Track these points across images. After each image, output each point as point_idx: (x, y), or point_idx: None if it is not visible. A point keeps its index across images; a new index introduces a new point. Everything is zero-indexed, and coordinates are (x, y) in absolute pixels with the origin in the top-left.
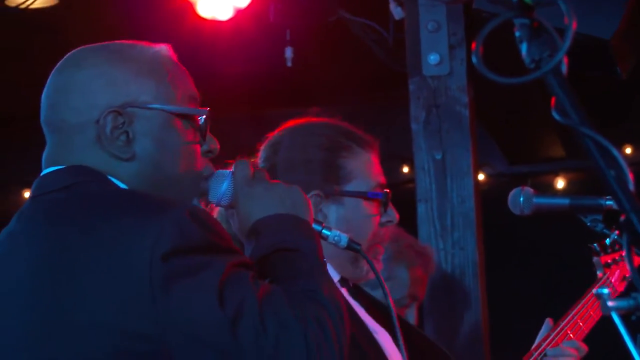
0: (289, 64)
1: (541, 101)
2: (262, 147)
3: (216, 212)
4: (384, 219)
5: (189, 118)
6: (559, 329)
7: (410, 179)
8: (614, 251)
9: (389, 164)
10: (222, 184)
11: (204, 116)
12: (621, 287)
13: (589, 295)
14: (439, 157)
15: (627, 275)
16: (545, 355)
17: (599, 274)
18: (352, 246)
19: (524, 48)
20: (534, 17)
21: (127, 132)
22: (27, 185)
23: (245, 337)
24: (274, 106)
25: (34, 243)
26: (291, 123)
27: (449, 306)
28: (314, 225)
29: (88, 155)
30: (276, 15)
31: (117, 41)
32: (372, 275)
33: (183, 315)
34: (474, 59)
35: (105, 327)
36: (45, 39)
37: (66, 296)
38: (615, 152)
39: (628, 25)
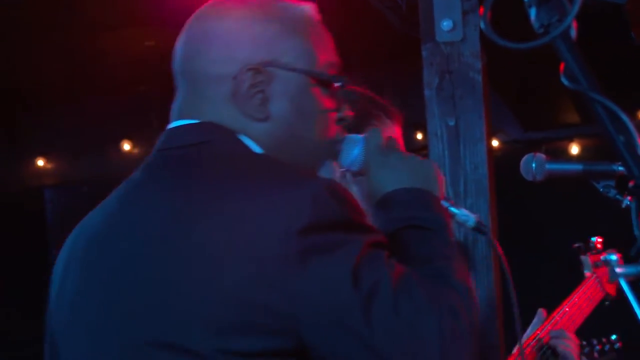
0: None
1: (555, 67)
2: None
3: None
4: None
5: (327, 84)
6: (553, 320)
7: (424, 145)
8: (598, 252)
9: (403, 130)
10: (354, 149)
11: (342, 83)
12: (609, 289)
13: (580, 291)
14: (452, 123)
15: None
16: (550, 337)
17: (587, 273)
18: (480, 228)
19: (532, 13)
20: None
21: (264, 91)
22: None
23: (378, 319)
24: None
25: (164, 200)
26: None
27: None
28: (443, 202)
29: (221, 110)
30: None
31: None
32: None
33: (316, 293)
34: (482, 25)
35: (233, 297)
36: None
37: (193, 259)
38: (624, 117)
39: None
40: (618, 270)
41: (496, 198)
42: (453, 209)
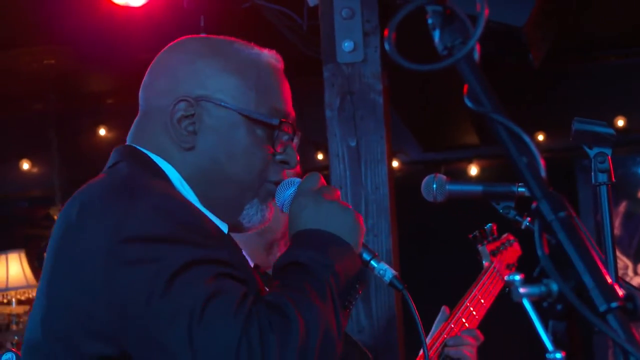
0: None
1: (455, 89)
2: None
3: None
4: None
5: (264, 126)
6: (455, 317)
7: (325, 165)
8: (494, 239)
9: (304, 150)
10: (288, 190)
11: (283, 127)
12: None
13: (479, 284)
14: (353, 144)
15: (510, 263)
16: (445, 345)
17: (485, 262)
18: (395, 284)
19: (436, 35)
20: (447, 5)
21: (194, 124)
22: None
23: (180, 332)
24: None
25: (60, 216)
26: None
27: (363, 293)
28: (364, 254)
29: (155, 139)
30: (190, 2)
31: (226, 37)
32: None
33: (128, 302)
34: (386, 46)
35: (68, 303)
36: None
37: (53, 266)
38: (526, 138)
39: (540, 13)
40: (522, 290)
41: (397, 219)
42: (373, 262)
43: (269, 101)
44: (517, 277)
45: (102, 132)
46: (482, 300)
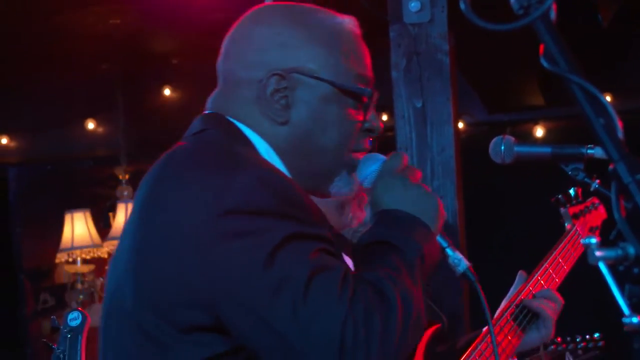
0: None
1: (521, 50)
2: None
3: None
4: None
5: (352, 95)
6: (534, 280)
7: (390, 127)
8: (578, 202)
9: None
10: (371, 166)
11: (368, 96)
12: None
13: (560, 246)
14: (419, 105)
15: (594, 226)
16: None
17: (568, 225)
18: (468, 275)
19: None
20: None
21: (287, 97)
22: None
23: (283, 306)
24: None
25: (146, 182)
26: None
27: None
28: (440, 239)
29: (243, 110)
30: None
31: (305, 4)
32: (354, 224)
33: (230, 273)
34: (462, 5)
35: (163, 273)
36: None
37: (145, 241)
38: (604, 100)
39: None
40: (598, 253)
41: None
42: (448, 250)
43: (356, 70)
44: (594, 240)
45: (166, 92)
46: (563, 264)
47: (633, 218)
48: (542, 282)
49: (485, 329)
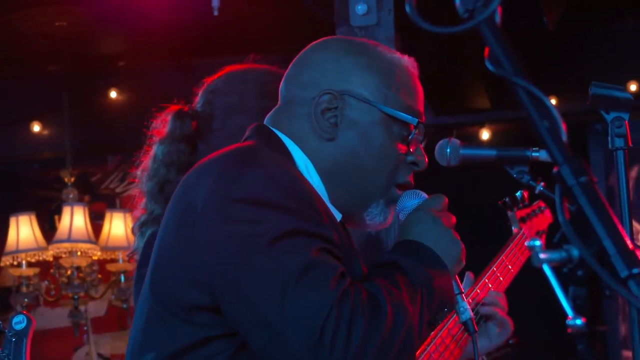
0: (216, 13)
1: (467, 52)
2: (200, 92)
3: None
4: None
5: (400, 125)
6: (481, 282)
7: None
8: (525, 206)
9: None
10: (412, 201)
11: (416, 130)
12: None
13: (507, 249)
14: None
15: (540, 230)
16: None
17: (515, 229)
18: (468, 326)
19: None
20: None
21: (336, 116)
22: None
23: (272, 290)
24: (201, 56)
25: (184, 179)
26: (230, 69)
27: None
28: (454, 284)
29: (292, 124)
30: None
31: (368, 40)
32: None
33: (227, 255)
34: (407, 9)
35: (175, 253)
36: None
37: (164, 226)
38: (548, 102)
39: None
40: (542, 256)
41: None
42: (457, 298)
43: (407, 102)
44: (538, 243)
45: (113, 94)
46: (510, 266)
47: (577, 220)
48: (489, 284)
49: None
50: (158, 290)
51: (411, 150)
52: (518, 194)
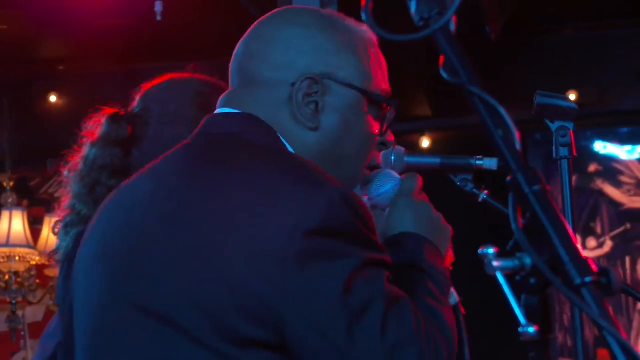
0: (159, 18)
1: (409, 61)
2: (138, 97)
3: None
4: None
5: (377, 106)
6: None
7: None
8: None
9: None
10: (387, 184)
11: (391, 109)
12: None
13: None
14: None
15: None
16: None
17: None
18: (456, 311)
19: (413, 5)
20: None
21: (317, 102)
22: None
23: (361, 336)
24: (143, 61)
25: (191, 179)
26: (170, 76)
27: None
28: None
29: (272, 111)
30: None
31: (335, 12)
32: None
33: (306, 296)
34: (363, 16)
35: (228, 282)
36: None
37: (199, 240)
38: (502, 111)
39: None
40: (495, 264)
41: None
42: None
43: (381, 80)
44: (491, 251)
45: (53, 98)
46: None
47: (530, 229)
48: None
49: None
50: (199, 318)
51: (384, 129)
52: None
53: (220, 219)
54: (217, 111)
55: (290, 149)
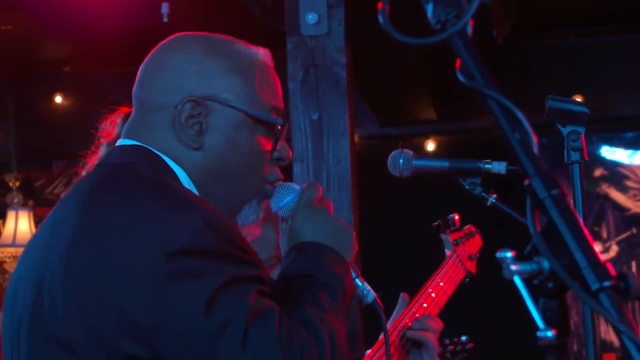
0: (165, 19)
1: (414, 64)
2: None
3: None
4: None
5: (264, 124)
6: (417, 303)
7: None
8: (456, 229)
9: None
10: (288, 196)
11: (280, 126)
12: (470, 266)
13: (442, 272)
14: (315, 117)
15: (472, 254)
16: (409, 328)
17: (448, 252)
18: (375, 306)
19: (429, 9)
20: None
21: (201, 123)
22: None
23: (223, 350)
24: None
25: (77, 213)
26: None
27: None
28: (351, 271)
29: (159, 136)
30: None
31: (220, 35)
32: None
33: (173, 315)
34: (380, 19)
35: (108, 306)
36: None
37: (83, 268)
38: (520, 115)
39: None
40: (513, 267)
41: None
42: (357, 281)
43: (269, 100)
44: (509, 254)
45: (58, 99)
46: (445, 289)
47: (547, 233)
48: (424, 305)
49: (369, 352)
50: (83, 338)
51: (278, 147)
52: (450, 216)
53: (98, 246)
54: (119, 143)
55: (182, 174)
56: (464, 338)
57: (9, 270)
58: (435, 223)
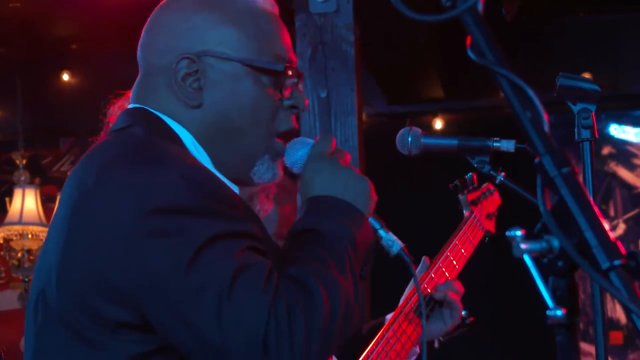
0: None
1: (422, 42)
2: None
3: None
4: None
5: (269, 73)
6: (436, 267)
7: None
8: (475, 189)
9: None
10: (299, 151)
11: (288, 72)
12: (488, 225)
13: (460, 233)
14: (323, 95)
15: (490, 213)
16: (431, 291)
17: (466, 212)
18: (403, 255)
19: None
20: None
21: (199, 80)
22: None
23: (207, 307)
24: None
25: (73, 177)
26: None
27: None
28: (372, 221)
29: (160, 97)
30: None
31: None
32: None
33: (154, 274)
34: None
35: (88, 268)
36: None
37: (68, 228)
38: (531, 93)
39: None
40: (523, 246)
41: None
42: (381, 232)
43: (271, 48)
44: (519, 233)
45: (65, 77)
46: (463, 250)
47: (558, 211)
48: (443, 269)
49: (390, 317)
50: (72, 308)
51: (287, 95)
52: (468, 175)
53: (82, 213)
54: (128, 107)
55: (185, 134)
56: (464, 313)
57: (16, 248)
58: (453, 184)
